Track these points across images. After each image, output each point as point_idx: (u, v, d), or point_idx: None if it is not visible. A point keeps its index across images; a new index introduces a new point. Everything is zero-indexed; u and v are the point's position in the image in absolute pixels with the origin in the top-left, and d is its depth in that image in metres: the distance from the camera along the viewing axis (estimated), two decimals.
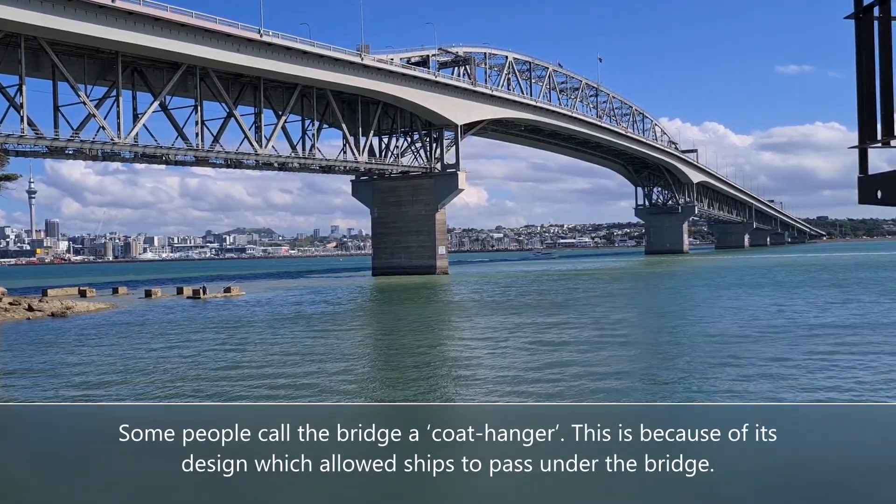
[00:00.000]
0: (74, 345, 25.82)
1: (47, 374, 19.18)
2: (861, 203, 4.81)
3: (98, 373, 19.34)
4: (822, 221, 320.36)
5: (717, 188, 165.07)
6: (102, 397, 15.93)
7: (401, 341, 24.46)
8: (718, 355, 18.74)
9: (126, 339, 26.98)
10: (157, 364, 20.69)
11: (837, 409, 6.46)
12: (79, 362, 21.29)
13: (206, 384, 17.16)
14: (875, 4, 4.53)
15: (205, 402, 14.95)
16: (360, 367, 19.09)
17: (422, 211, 79.40)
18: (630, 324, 27.82)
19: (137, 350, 23.76)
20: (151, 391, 16.56)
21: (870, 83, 4.61)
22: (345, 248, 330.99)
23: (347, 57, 65.83)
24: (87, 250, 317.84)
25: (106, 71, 55.57)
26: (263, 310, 39.55)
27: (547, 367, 17.88)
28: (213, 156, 62.50)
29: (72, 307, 40.58)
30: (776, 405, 6.97)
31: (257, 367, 19.37)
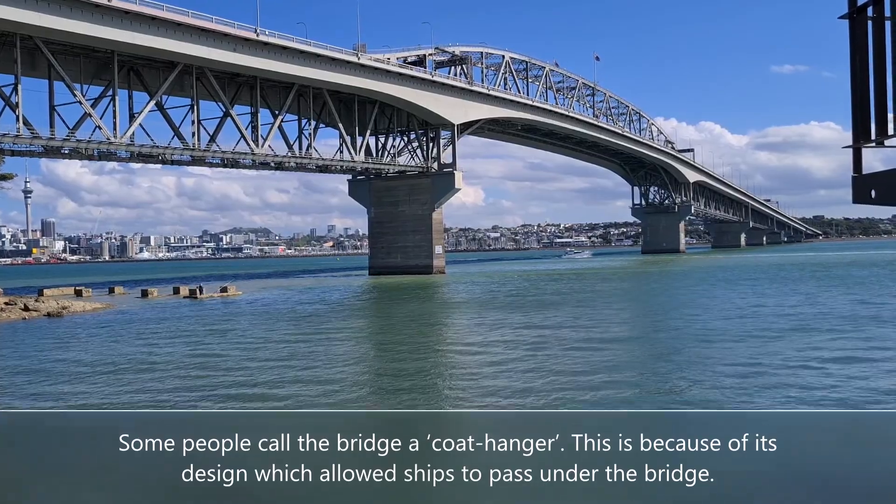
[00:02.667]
0: (70, 345, 25.77)
1: (43, 374, 19.13)
2: (855, 202, 4.82)
3: (92, 373, 19.29)
4: (818, 221, 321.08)
5: (714, 187, 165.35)
6: (96, 397, 15.90)
7: (398, 346, 24.43)
8: (720, 359, 18.77)
9: (121, 340, 26.93)
10: (151, 365, 20.66)
11: (838, 416, 6.47)
12: (73, 361, 21.22)
13: (203, 388, 17.15)
14: (868, 4, 4.54)
15: (203, 408, 14.95)
16: (357, 372, 19.08)
17: (418, 210, 79.40)
18: (629, 325, 27.85)
19: (132, 350, 23.71)
20: (147, 394, 16.54)
21: (863, 83, 4.61)
22: (342, 248, 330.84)
23: (344, 56, 65.80)
24: (84, 250, 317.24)
25: (102, 70, 55.46)
26: (260, 310, 39.52)
27: (545, 370, 17.88)
28: (210, 155, 62.42)
29: (68, 307, 40.51)
30: (776, 412, 6.98)
31: (255, 371, 19.35)
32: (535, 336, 24.53)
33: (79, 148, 54.13)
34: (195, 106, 60.50)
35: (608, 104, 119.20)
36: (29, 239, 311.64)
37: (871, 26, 4.56)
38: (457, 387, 16.14)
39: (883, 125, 4.54)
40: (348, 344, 24.82)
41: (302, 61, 62.93)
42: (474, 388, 16.04)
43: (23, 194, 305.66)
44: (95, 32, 49.30)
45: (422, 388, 16.28)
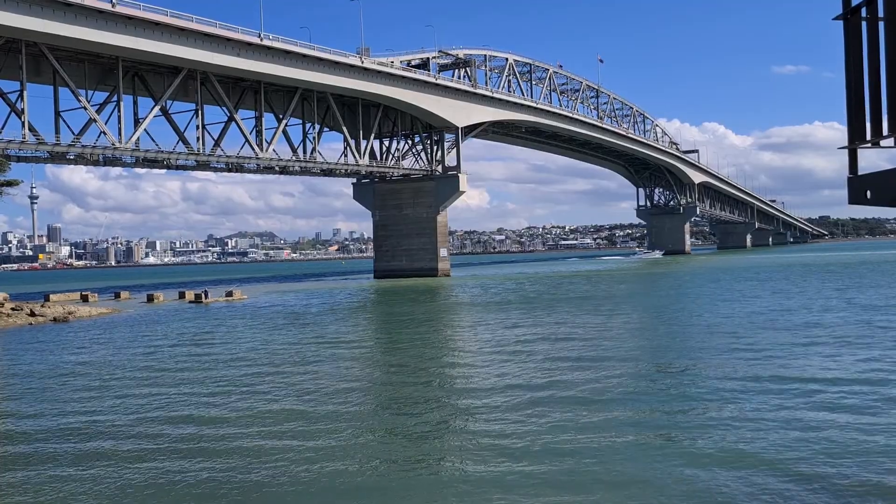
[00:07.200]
0: (73, 350, 25.81)
1: (45, 377, 19.17)
2: (851, 203, 4.78)
3: (95, 378, 19.34)
4: (823, 221, 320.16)
5: (719, 188, 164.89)
6: (99, 399, 15.93)
7: (406, 361, 24.33)
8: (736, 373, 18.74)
9: (124, 343, 26.97)
10: (150, 371, 20.68)
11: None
12: (76, 365, 21.25)
13: (207, 402, 17.12)
14: (862, 5, 4.52)
15: (206, 422, 14.91)
16: (364, 389, 19.03)
17: (423, 213, 79.37)
18: (638, 335, 27.80)
19: (135, 354, 23.73)
20: (147, 405, 16.52)
21: (858, 84, 4.59)
22: (346, 251, 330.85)
23: (348, 60, 65.88)
24: (90, 255, 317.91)
25: (107, 76, 55.63)
26: (265, 314, 39.48)
27: (556, 387, 17.84)
28: (215, 160, 62.55)
29: (74, 312, 40.59)
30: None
31: (261, 384, 19.33)
32: (541, 348, 24.39)
33: (84, 153, 54.31)
34: (199, 111, 60.63)
35: (612, 106, 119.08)
36: (35, 244, 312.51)
37: (866, 27, 4.53)
38: (467, 411, 16.07)
39: (878, 126, 4.48)
40: (354, 357, 24.72)
41: (305, 65, 63.01)
42: (486, 410, 15.98)
43: (29, 200, 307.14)
44: (100, 38, 49.43)
45: (431, 412, 16.22)
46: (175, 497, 9.45)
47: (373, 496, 9.34)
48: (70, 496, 9.65)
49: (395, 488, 9.62)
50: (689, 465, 9.93)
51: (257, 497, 9.34)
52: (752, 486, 8.96)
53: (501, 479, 9.64)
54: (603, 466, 9.96)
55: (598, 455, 10.44)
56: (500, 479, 9.65)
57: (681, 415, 12.82)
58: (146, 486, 9.91)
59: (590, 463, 10.13)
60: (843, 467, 9.60)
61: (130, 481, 10.11)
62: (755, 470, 9.58)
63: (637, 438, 11.30)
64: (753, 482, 9.13)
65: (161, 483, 9.98)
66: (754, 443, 10.77)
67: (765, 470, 9.56)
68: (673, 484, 9.25)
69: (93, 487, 9.93)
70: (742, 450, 10.48)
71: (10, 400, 16.81)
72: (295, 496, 9.37)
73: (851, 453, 10.16)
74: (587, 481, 9.42)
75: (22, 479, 10.46)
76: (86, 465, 11.02)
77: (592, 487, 9.20)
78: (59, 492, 9.81)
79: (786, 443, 10.73)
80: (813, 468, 9.58)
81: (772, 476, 9.31)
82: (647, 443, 11.09)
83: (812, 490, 8.81)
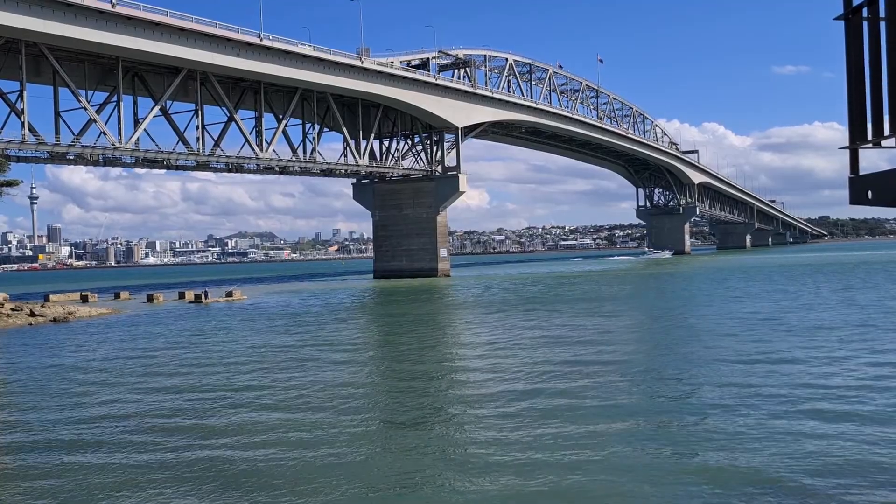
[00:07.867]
0: (73, 350, 25.81)
1: (44, 377, 19.18)
2: (852, 203, 4.76)
3: (95, 378, 19.35)
4: (823, 221, 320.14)
5: (719, 189, 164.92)
6: (98, 399, 15.94)
7: (405, 365, 24.32)
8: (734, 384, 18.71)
9: (124, 344, 26.97)
10: (151, 374, 20.68)
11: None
12: (76, 365, 21.26)
13: (207, 402, 17.12)
14: (863, 5, 4.51)
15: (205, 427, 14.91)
16: (362, 391, 19.03)
17: (423, 213, 79.37)
18: (635, 341, 27.79)
19: (135, 355, 23.73)
20: (144, 398, 16.52)
21: (859, 84, 4.58)
22: (346, 252, 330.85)
23: (347, 60, 65.87)
24: (90, 255, 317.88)
25: (107, 76, 55.62)
26: (265, 315, 39.47)
27: (555, 389, 17.84)
28: (215, 160, 62.55)
29: (73, 312, 40.57)
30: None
31: (260, 385, 19.33)
32: (541, 349, 24.37)
33: (84, 154, 54.31)
34: (199, 111, 60.61)
35: (612, 106, 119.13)
36: (35, 245, 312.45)
37: (867, 27, 4.53)
38: (468, 421, 16.04)
39: (879, 126, 4.48)
40: (354, 358, 24.73)
41: (305, 65, 63.01)
42: (486, 418, 15.96)
43: (29, 200, 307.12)
44: (99, 38, 49.43)
45: (433, 422, 16.21)
46: (175, 497, 9.45)
47: (372, 500, 9.33)
48: (70, 496, 9.65)
49: (395, 488, 9.60)
50: (694, 473, 9.88)
51: (257, 497, 9.33)
52: (749, 498, 8.90)
53: (500, 486, 9.59)
54: (606, 476, 9.82)
55: (599, 465, 10.25)
56: (498, 486, 9.60)
57: (684, 417, 12.78)
58: (146, 485, 9.91)
59: (592, 472, 9.99)
60: (847, 478, 9.55)
61: (130, 481, 10.11)
62: (755, 478, 9.51)
63: (640, 446, 11.19)
64: (751, 494, 9.08)
65: (160, 482, 9.98)
66: (757, 452, 10.53)
67: (767, 479, 9.45)
68: (676, 488, 9.20)
69: (93, 487, 9.93)
70: (744, 458, 10.39)
71: (9, 400, 16.80)
72: (295, 496, 9.36)
73: (856, 464, 10.09)
74: (588, 491, 9.32)
75: (22, 479, 10.46)
76: (86, 464, 11.02)
77: (594, 497, 9.13)
78: (59, 491, 9.82)
79: (791, 454, 10.45)
80: (821, 479, 9.43)
81: (771, 487, 9.23)
82: (648, 449, 10.98)
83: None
